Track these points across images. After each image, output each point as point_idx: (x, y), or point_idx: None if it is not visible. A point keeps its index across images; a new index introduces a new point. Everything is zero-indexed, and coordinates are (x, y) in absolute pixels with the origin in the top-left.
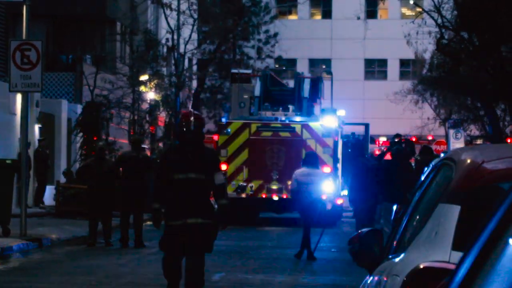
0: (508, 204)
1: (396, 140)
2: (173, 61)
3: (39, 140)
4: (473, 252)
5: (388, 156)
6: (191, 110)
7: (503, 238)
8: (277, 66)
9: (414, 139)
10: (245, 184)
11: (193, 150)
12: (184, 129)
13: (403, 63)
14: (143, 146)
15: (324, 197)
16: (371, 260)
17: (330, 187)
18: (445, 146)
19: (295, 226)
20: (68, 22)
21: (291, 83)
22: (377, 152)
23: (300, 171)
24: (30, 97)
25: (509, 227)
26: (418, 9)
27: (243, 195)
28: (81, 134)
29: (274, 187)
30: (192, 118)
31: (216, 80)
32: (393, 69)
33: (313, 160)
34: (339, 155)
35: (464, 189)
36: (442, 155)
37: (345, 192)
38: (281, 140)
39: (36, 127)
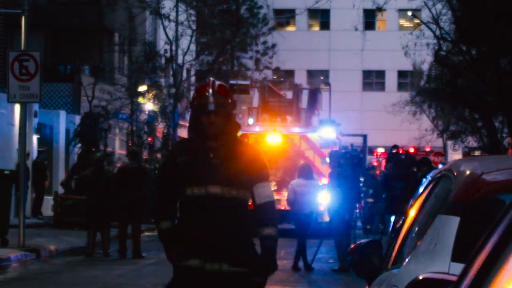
0: (511, 215)
1: (394, 151)
2: (171, 72)
3: (39, 151)
4: (475, 264)
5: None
6: (212, 79)
7: (506, 250)
8: (275, 77)
9: (412, 150)
10: None
11: (217, 147)
12: (201, 111)
13: (401, 74)
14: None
15: (321, 208)
16: (370, 271)
17: (326, 198)
18: (443, 157)
19: (290, 237)
20: (66, 33)
21: (289, 94)
22: (375, 163)
23: (296, 182)
24: (28, 107)
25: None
26: (416, 21)
27: None
28: (79, 145)
29: None
30: (213, 91)
31: None
32: (391, 80)
33: (307, 172)
34: None
35: (463, 200)
36: (440, 166)
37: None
38: (279, 151)
39: (35, 138)
